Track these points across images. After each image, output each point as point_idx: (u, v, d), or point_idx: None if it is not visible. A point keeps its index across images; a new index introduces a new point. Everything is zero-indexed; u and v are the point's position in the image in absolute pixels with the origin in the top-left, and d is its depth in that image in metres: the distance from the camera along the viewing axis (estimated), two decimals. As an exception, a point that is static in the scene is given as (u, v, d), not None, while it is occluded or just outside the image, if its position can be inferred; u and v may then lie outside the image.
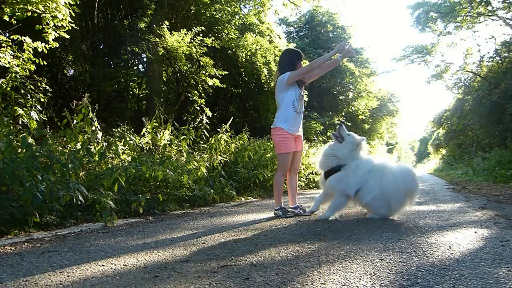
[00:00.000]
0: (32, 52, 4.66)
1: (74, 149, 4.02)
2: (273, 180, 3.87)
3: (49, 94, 4.78)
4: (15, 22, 4.71)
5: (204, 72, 8.62)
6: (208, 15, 10.08)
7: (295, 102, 3.59)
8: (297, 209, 3.77)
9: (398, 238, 2.52)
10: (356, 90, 18.73)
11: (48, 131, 4.33)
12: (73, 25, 5.22)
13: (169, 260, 2.06)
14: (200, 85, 9.04)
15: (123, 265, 1.99)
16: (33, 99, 4.34)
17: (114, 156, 4.47)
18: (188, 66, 8.70)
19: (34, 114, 4.19)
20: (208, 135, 6.38)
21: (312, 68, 3.67)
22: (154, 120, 5.48)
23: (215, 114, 9.85)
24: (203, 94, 9.19)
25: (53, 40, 4.99)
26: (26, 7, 4.60)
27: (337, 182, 3.38)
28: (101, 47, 9.31)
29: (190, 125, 6.07)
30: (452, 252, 2.13)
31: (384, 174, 3.34)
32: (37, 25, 4.85)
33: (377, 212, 3.37)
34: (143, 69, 10.47)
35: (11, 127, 3.93)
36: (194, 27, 8.30)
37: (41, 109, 4.45)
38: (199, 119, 6.33)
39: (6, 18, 4.67)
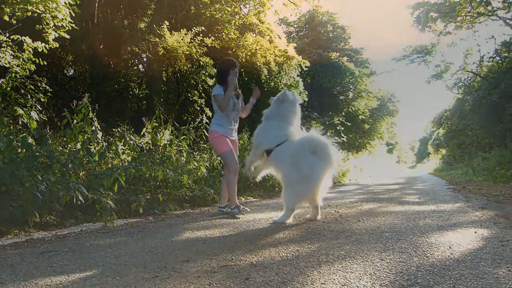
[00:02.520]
0: (32, 52, 4.65)
1: (74, 149, 4.02)
2: (226, 181, 4.00)
3: (49, 94, 4.79)
4: (15, 22, 4.71)
5: (204, 72, 8.61)
6: (208, 15, 10.05)
7: (229, 112, 3.90)
8: (226, 208, 3.98)
9: (398, 238, 2.52)
10: (356, 90, 18.69)
11: (48, 131, 4.33)
12: (73, 25, 5.21)
13: (169, 260, 2.06)
14: (200, 85, 9.03)
15: (123, 265, 1.99)
16: (33, 99, 4.35)
17: (114, 156, 4.47)
18: (188, 66, 8.68)
19: (34, 114, 4.20)
20: (208, 135, 6.37)
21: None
22: (154, 120, 5.48)
23: (215, 114, 9.83)
24: (203, 94, 9.17)
25: (53, 40, 4.98)
26: (26, 7, 4.60)
27: None
28: (101, 47, 9.31)
29: (190, 125, 6.06)
30: (452, 252, 2.13)
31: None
32: (37, 25, 4.85)
33: None
34: (143, 69, 10.46)
35: (11, 127, 3.93)
36: (194, 27, 8.28)
37: (41, 109, 4.45)
38: (199, 119, 6.32)
39: (6, 18, 4.67)
